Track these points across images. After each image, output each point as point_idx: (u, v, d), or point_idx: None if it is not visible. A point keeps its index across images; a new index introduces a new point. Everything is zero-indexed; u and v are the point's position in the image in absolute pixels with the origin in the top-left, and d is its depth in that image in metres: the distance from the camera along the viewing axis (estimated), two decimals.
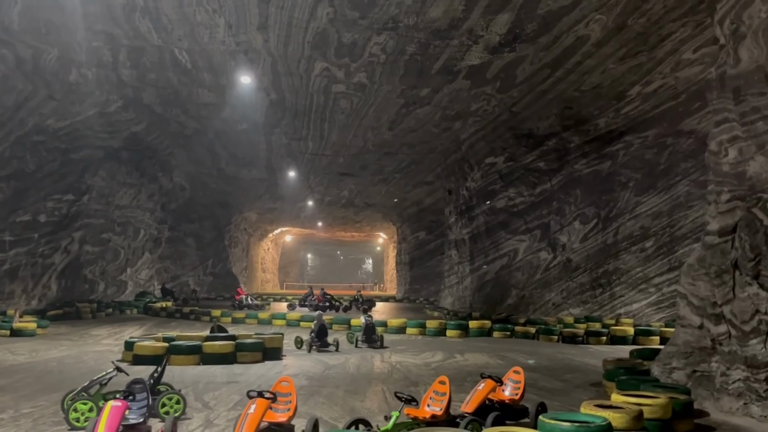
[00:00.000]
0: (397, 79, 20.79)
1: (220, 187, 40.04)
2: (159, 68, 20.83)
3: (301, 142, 29.55)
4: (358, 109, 24.15)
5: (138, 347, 12.93)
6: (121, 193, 28.96)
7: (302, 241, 76.62)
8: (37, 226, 24.41)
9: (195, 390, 9.88)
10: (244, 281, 50.23)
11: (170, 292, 36.44)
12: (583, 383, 11.62)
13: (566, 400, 9.79)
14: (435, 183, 36.30)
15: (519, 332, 20.57)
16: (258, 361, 13.53)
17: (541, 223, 24.91)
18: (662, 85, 20.52)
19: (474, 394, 7.59)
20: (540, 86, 21.46)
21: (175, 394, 7.94)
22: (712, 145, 10.05)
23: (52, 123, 24.04)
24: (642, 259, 23.74)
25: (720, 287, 9.71)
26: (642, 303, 23.64)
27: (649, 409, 7.34)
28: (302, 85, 21.82)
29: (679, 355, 10.47)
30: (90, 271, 27.68)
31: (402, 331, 21.11)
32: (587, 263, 24.28)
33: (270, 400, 6.35)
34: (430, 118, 25.09)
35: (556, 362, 14.59)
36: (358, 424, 6.64)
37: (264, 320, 23.58)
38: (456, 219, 29.10)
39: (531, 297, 24.68)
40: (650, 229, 23.72)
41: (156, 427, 6.89)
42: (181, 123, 27.40)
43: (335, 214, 50.59)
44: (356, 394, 9.90)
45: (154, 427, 6.93)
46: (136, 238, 31.23)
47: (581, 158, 24.51)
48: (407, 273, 48.82)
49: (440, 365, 13.62)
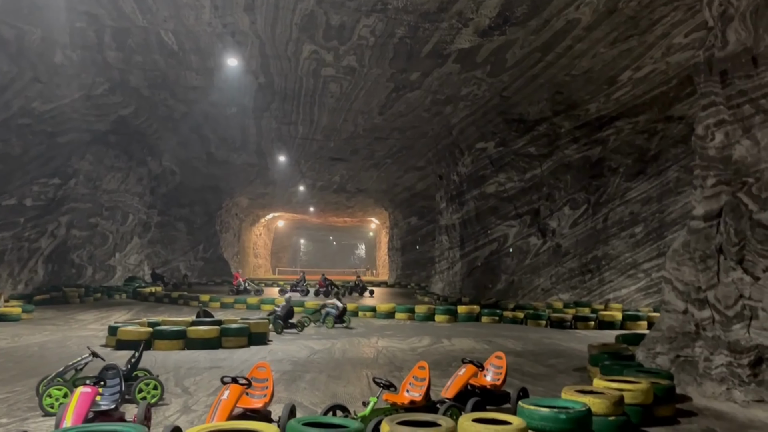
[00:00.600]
0: (387, 63, 20.60)
1: (210, 171, 39.75)
2: (145, 50, 20.56)
3: (291, 126, 29.36)
4: (347, 93, 23.96)
5: (121, 332, 12.81)
6: (109, 177, 28.68)
7: (295, 226, 76.41)
8: (23, 210, 24.18)
9: (176, 375, 9.79)
10: (236, 266, 50.09)
11: (160, 277, 36.24)
12: (567, 368, 11.60)
13: (549, 386, 9.76)
14: (426, 168, 36.18)
15: (507, 317, 20.58)
16: (243, 346, 13.45)
17: (531, 208, 24.86)
18: (653, 70, 20.42)
19: (454, 380, 7.52)
20: (530, 71, 21.33)
21: (152, 380, 7.84)
22: (699, 129, 9.96)
23: (37, 106, 23.71)
24: (631, 244, 23.77)
25: (704, 272, 9.67)
26: (631, 288, 23.69)
27: (630, 394, 7.31)
28: (291, 68, 21.60)
29: (663, 340, 10.46)
30: (77, 256, 27.47)
31: (391, 316, 21.09)
32: (577, 249, 24.28)
33: (244, 386, 6.26)
34: (421, 102, 24.92)
35: (542, 347, 14.58)
36: (336, 410, 6.57)
37: (253, 305, 23.47)
38: (447, 204, 29.01)
39: (520, 282, 24.68)
40: (640, 214, 23.72)
41: (132, 413, 6.80)
42: (170, 106, 27.12)
43: (327, 199, 50.40)
44: (339, 380, 9.84)
45: (129, 413, 6.85)
46: (124, 223, 30.99)
47: (572, 143, 24.42)
48: (399, 258, 48.81)
49: (426, 350, 13.58)
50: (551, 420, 5.85)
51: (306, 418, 5.45)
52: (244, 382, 6.30)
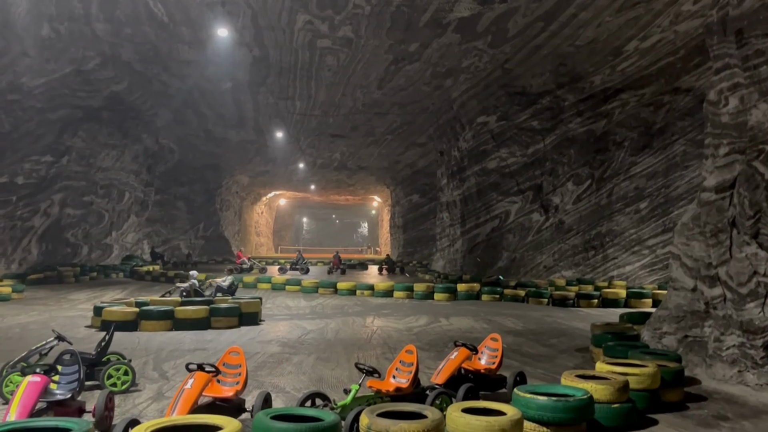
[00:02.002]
0: (384, 33, 19.89)
1: (209, 149, 39.25)
2: (134, 21, 19.91)
3: (289, 101, 28.72)
4: (345, 66, 23.30)
5: (107, 313, 12.34)
6: (103, 155, 28.09)
7: (297, 204, 75.99)
8: (14, 189, 23.68)
9: (156, 358, 9.28)
10: (237, 244, 49.74)
11: (160, 256, 35.90)
12: (569, 348, 11.10)
13: (550, 368, 9.26)
14: (428, 144, 35.55)
15: (508, 295, 20.07)
16: (234, 327, 12.99)
17: (533, 184, 24.26)
18: (660, 40, 19.69)
19: (445, 364, 6.97)
20: (533, 41, 20.62)
21: (122, 365, 7.33)
22: (711, 95, 9.31)
23: (26, 81, 23.09)
24: (636, 220, 23.21)
25: (716, 247, 9.10)
26: (635, 265, 23.18)
27: (636, 378, 6.79)
28: (285, 40, 20.93)
29: (670, 320, 9.93)
30: (72, 235, 27.01)
31: (389, 295, 20.61)
32: (580, 225, 23.73)
33: (211, 374, 5.76)
34: (421, 75, 24.25)
35: (543, 326, 14.09)
36: (315, 399, 6.07)
37: (249, 284, 23.03)
38: (447, 181, 28.41)
39: (522, 259, 24.17)
40: (645, 189, 23.14)
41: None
42: (164, 82, 26.49)
43: (328, 177, 49.90)
44: (328, 362, 9.35)
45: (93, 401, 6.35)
46: (120, 201, 30.48)
47: (576, 117, 23.74)
48: (401, 236, 48.38)
49: (422, 330, 13.09)
50: (549, 409, 5.34)
51: (277, 410, 4.94)
52: (211, 369, 5.80)
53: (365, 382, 6.35)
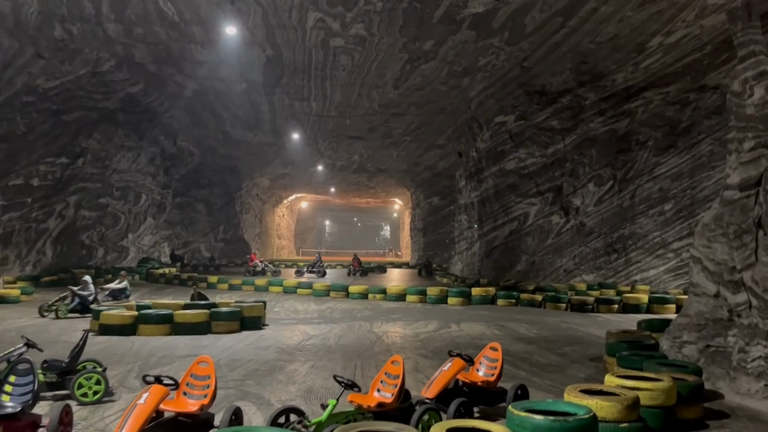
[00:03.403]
0: (397, 30, 19.43)
1: (228, 152, 39.24)
2: (145, 21, 19.73)
3: (304, 102, 28.45)
4: (359, 65, 22.92)
5: (104, 316, 12.03)
6: (119, 157, 28.06)
7: (318, 207, 75.88)
8: (30, 190, 23.72)
9: (143, 365, 8.85)
10: (258, 247, 49.64)
11: (180, 258, 35.84)
12: (582, 358, 10.46)
13: (559, 379, 8.65)
14: (447, 146, 35.00)
15: (524, 300, 19.39)
16: (235, 331, 12.58)
17: (553, 185, 23.52)
18: (685, 35, 18.91)
19: (437, 376, 6.37)
20: (552, 38, 19.97)
21: (94, 374, 6.90)
22: (735, 85, 8.64)
23: (41, 83, 23.17)
24: (660, 223, 22.36)
25: (740, 250, 8.41)
26: (659, 269, 22.32)
27: (648, 394, 6.16)
28: (298, 39, 20.61)
29: (691, 328, 9.25)
30: (87, 237, 26.99)
31: (402, 299, 20.06)
32: (602, 227, 22.94)
33: (170, 387, 5.29)
34: (437, 74, 23.71)
35: (558, 333, 13.43)
36: (289, 414, 5.57)
37: (261, 287, 22.69)
38: (465, 182, 27.81)
39: (542, 263, 23.44)
40: (670, 191, 22.29)
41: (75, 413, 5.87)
42: (179, 83, 26.38)
43: (348, 179, 49.58)
44: (323, 371, 8.84)
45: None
46: (137, 203, 30.45)
47: (597, 116, 22.98)
48: (421, 239, 47.87)
49: (430, 336, 12.53)
50: (545, 430, 4.78)
51: (241, 429, 4.45)
52: (170, 382, 5.32)
53: (345, 396, 5.84)
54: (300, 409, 5.66)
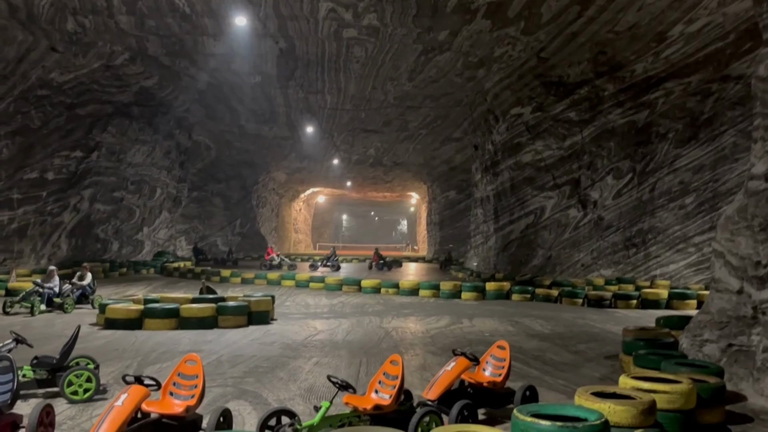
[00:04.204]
0: (410, 20, 19.09)
1: (244, 146, 39.21)
2: (156, 13, 19.61)
3: (318, 95, 28.22)
4: (373, 57, 22.62)
5: (110, 310, 11.89)
6: (133, 151, 28.04)
7: (335, 202, 75.79)
8: (44, 184, 23.75)
9: (143, 361, 8.64)
10: (275, 241, 49.63)
11: (202, 252, 35.82)
12: (597, 356, 10.08)
13: (572, 378, 8.29)
14: (464, 139, 34.57)
15: (540, 295, 18.98)
16: (242, 326, 12.37)
17: (570, 178, 23.04)
18: (707, 24, 18.37)
19: (440, 377, 6.03)
20: (569, 27, 19.52)
21: (84, 371, 6.69)
22: (761, 70, 8.18)
23: (56, 76, 23.17)
24: (681, 216, 21.80)
25: (765, 243, 7.99)
26: (680, 264, 21.78)
27: (666, 397, 5.79)
28: (310, 30, 20.36)
29: (712, 326, 8.84)
30: (102, 230, 27.02)
31: (415, 293, 19.75)
32: (620, 221, 22.43)
33: (150, 388, 5.04)
34: (452, 66, 23.34)
35: (573, 329, 13.04)
36: (281, 416, 5.30)
37: (273, 281, 22.53)
38: (482, 176, 27.38)
39: (558, 257, 22.99)
40: (691, 184, 21.72)
41: (57, 410, 5.66)
42: (192, 76, 26.27)
43: (364, 173, 49.36)
44: (326, 368, 8.56)
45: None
46: (152, 197, 30.45)
47: (616, 108, 22.44)
48: (437, 233, 47.55)
49: (440, 332, 12.21)
50: None
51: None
52: (151, 383, 5.07)
53: (340, 397, 5.55)
54: (292, 410, 5.37)
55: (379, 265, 33.32)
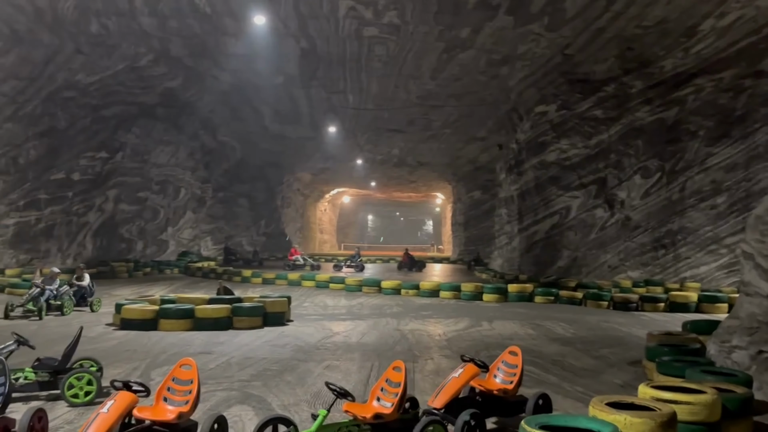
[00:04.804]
0: (431, 18, 18.84)
1: (269, 146, 39.33)
2: (178, 14, 19.72)
3: (341, 95, 28.14)
4: (395, 55, 22.44)
5: (125, 311, 11.86)
6: (158, 151, 28.26)
7: (361, 202, 75.73)
8: (71, 185, 24.08)
9: (152, 363, 8.51)
10: (300, 242, 49.68)
11: (233, 252, 35.51)
12: (620, 361, 9.68)
13: (591, 385, 7.94)
14: (488, 138, 34.14)
15: (564, 297, 18.52)
16: (257, 327, 12.23)
17: (596, 177, 22.50)
18: (740, 17, 17.77)
19: (447, 384, 5.74)
20: (595, 23, 19.05)
21: (86, 374, 6.56)
22: None
23: (81, 78, 23.47)
24: (712, 216, 21.13)
25: None
26: (711, 266, 21.11)
27: (688, 408, 5.40)
28: (331, 29, 20.27)
29: (741, 331, 8.41)
30: (126, 230, 27.27)
31: (435, 295, 19.46)
32: (649, 222, 21.83)
33: (139, 394, 4.87)
34: (475, 64, 23.00)
35: (596, 333, 12.63)
36: (277, 424, 5.09)
37: (294, 281, 22.44)
38: (506, 175, 26.96)
39: (584, 258, 22.47)
40: (723, 183, 21.03)
41: (57, 413, 5.54)
42: (216, 77, 26.40)
43: (389, 174, 49.18)
44: (337, 372, 8.35)
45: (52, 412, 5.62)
46: (176, 197, 30.66)
47: (644, 105, 21.86)
48: (462, 233, 47.10)
49: (458, 335, 11.91)
50: None
51: None
52: (139, 389, 4.91)
53: (337, 405, 5.33)
54: (288, 418, 5.16)
55: (409, 265, 33.09)
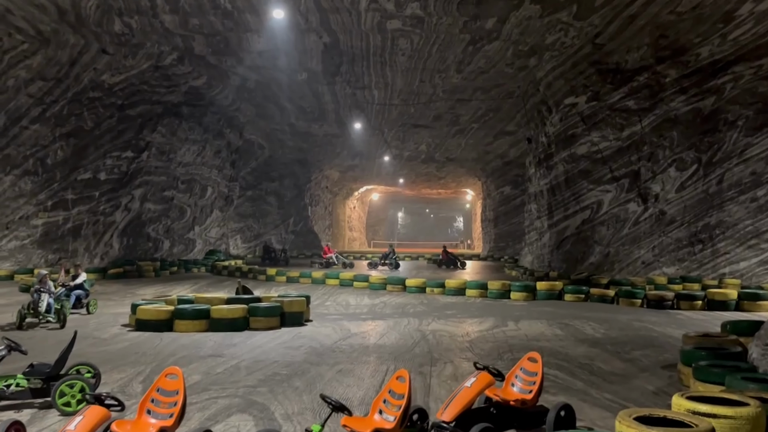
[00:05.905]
0: (455, 8, 18.33)
1: (296, 144, 39.28)
2: (199, 11, 19.57)
3: (366, 90, 27.81)
4: (419, 49, 22.01)
5: (141, 311, 11.65)
6: (183, 150, 28.26)
7: (390, 199, 75.40)
8: (97, 184, 24.19)
9: (158, 367, 8.10)
10: (329, 239, 49.56)
11: (273, 251, 34.81)
12: (653, 365, 9.07)
13: (621, 392, 7.38)
14: (517, 132, 33.47)
15: (595, 295, 17.81)
16: (274, 328, 11.90)
17: (629, 170, 21.69)
18: None
19: (458, 395, 5.24)
20: (626, 10, 18.33)
21: (78, 381, 6.26)
22: None
23: (107, 78, 23.57)
24: (753, 210, 20.20)
25: None
26: (752, 261, 20.19)
27: (728, 423, 4.84)
28: (353, 23, 19.91)
29: None
30: (153, 229, 27.33)
31: (461, 293, 18.94)
32: (684, 215, 20.97)
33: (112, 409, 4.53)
34: (501, 55, 22.42)
35: (628, 333, 11.98)
36: None
37: (318, 279, 22.15)
38: (535, 170, 26.25)
39: (617, 254, 21.69)
40: (763, 174, 20.12)
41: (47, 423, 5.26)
42: (240, 75, 26.30)
43: (417, 170, 48.77)
44: (349, 377, 7.91)
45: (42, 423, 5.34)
46: (203, 196, 30.68)
47: (679, 94, 20.99)
48: (492, 230, 46.42)
49: (481, 336, 11.40)
50: None
51: None
52: (113, 403, 4.58)
53: (336, 419, 4.92)
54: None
55: (449, 262, 32.70)
